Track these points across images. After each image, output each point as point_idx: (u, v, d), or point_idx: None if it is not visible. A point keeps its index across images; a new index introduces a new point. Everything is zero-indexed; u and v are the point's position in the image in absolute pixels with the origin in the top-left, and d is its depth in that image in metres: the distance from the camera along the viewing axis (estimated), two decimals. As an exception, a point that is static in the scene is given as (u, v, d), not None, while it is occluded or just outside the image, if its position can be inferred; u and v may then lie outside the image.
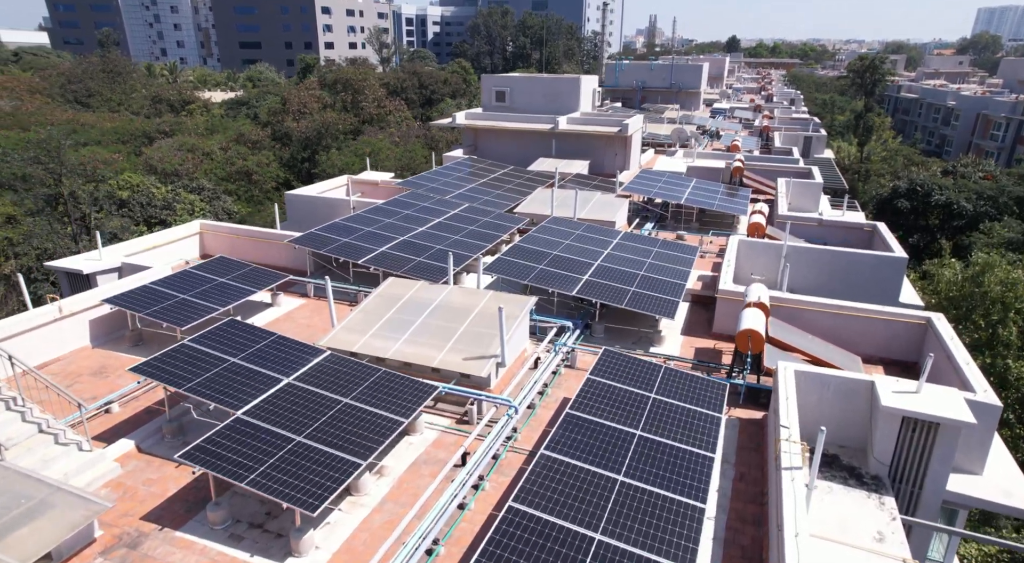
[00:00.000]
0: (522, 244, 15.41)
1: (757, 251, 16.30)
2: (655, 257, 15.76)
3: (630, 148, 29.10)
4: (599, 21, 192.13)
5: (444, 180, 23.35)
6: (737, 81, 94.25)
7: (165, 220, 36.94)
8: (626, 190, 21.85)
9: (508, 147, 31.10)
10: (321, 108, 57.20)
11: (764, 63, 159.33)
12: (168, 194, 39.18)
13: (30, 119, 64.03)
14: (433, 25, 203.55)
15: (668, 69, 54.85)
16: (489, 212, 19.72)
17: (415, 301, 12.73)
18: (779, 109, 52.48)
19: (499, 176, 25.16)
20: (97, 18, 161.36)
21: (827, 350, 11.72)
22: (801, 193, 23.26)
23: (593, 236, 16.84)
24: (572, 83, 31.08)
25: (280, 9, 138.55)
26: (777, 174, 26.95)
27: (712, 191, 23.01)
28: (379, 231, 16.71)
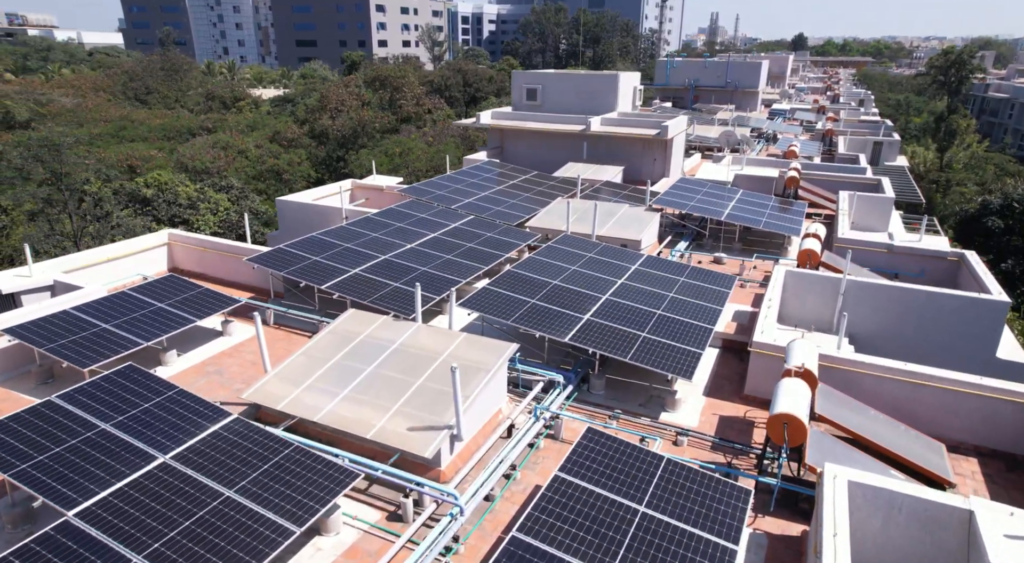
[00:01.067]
0: (517, 270, 12.90)
1: (808, 286, 13.27)
2: (680, 289, 12.96)
3: (670, 153, 26.08)
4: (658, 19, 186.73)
5: (455, 186, 21.05)
6: (801, 80, 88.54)
7: (188, 220, 36.15)
8: (658, 202, 18.99)
9: (536, 149, 28.56)
10: (360, 106, 56.04)
11: (832, 62, 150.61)
12: (194, 192, 38.38)
13: (87, 116, 65.60)
14: (489, 23, 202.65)
15: (723, 67, 50.99)
16: (496, 225, 17.29)
17: (371, 342, 10.43)
18: (846, 111, 47.90)
19: (519, 182, 22.68)
20: (166, 19, 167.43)
21: (896, 434, 8.75)
22: (867, 210, 19.84)
23: (608, 260, 14.16)
24: (608, 80, 28.27)
25: (335, 7, 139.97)
26: (839, 186, 23.44)
27: (760, 205, 19.86)
28: (359, 248, 14.52)
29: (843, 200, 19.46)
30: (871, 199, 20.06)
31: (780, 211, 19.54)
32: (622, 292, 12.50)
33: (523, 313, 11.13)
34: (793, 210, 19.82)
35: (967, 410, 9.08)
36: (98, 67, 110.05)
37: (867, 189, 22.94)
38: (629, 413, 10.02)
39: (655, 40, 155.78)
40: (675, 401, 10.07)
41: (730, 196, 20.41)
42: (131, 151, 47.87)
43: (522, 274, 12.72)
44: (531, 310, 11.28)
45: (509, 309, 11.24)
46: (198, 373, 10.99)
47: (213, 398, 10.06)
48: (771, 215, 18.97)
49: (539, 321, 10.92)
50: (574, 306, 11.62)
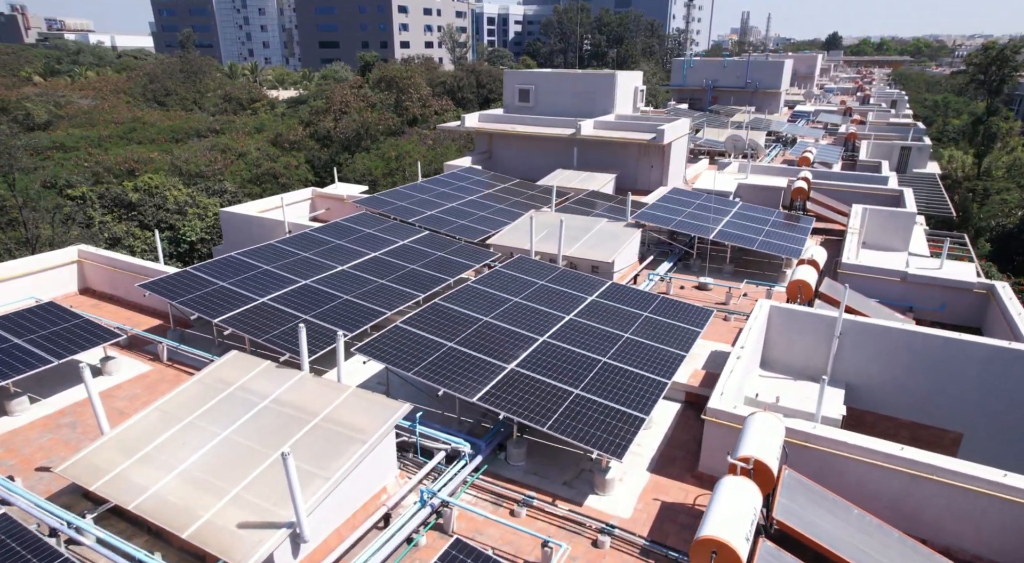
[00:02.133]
0: (444, 303, 10.92)
1: (797, 325, 11.03)
2: (641, 328, 10.85)
3: (668, 160, 23.82)
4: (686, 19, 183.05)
5: (421, 196, 19.18)
6: (831, 81, 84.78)
7: (174, 225, 35.03)
8: (640, 217, 16.83)
9: (525, 155, 26.56)
10: (365, 107, 54.70)
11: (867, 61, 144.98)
12: (184, 196, 37.25)
13: (99, 117, 65.70)
14: (515, 24, 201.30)
15: (743, 66, 48.26)
16: (453, 243, 15.35)
17: (240, 396, 8.58)
18: (874, 113, 44.78)
19: (495, 192, 20.71)
20: (194, 21, 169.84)
21: (885, 547, 6.55)
22: (884, 226, 17.41)
23: (563, 289, 12.10)
24: (605, 80, 26.11)
25: (358, 8, 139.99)
26: (856, 198, 20.94)
27: (760, 221, 17.55)
28: (279, 270, 12.73)
29: (854, 216, 17.04)
30: (889, 214, 17.61)
31: (782, 228, 17.21)
32: (566, 332, 10.44)
33: (432, 361, 9.16)
34: (798, 227, 17.45)
35: (987, 516, 6.82)
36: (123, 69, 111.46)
37: (887, 201, 20.41)
38: (548, 495, 7.98)
39: (681, 40, 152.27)
40: (606, 481, 7.98)
41: (725, 210, 18.13)
42: (130, 153, 47.18)
43: (448, 308, 10.75)
44: (444, 357, 9.30)
45: (417, 355, 9.28)
46: (46, 426, 9.28)
47: (28, 466, 8.35)
48: (770, 233, 16.65)
49: (448, 373, 8.93)
50: (500, 351, 9.60)
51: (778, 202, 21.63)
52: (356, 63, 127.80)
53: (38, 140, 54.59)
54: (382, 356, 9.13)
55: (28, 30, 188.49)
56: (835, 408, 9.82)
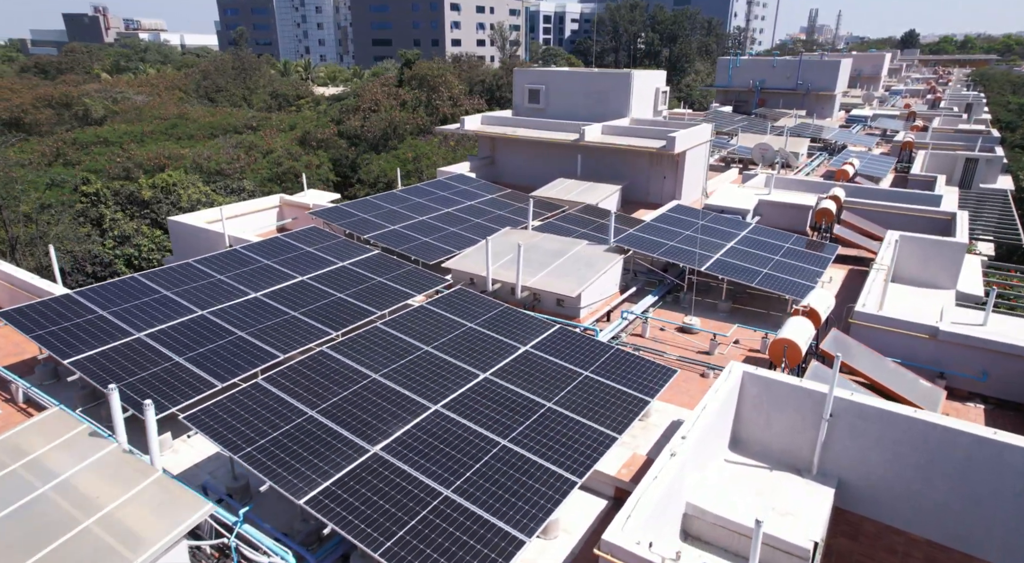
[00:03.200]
0: (331, 353, 8.97)
1: (775, 400, 8.55)
2: (571, 395, 8.63)
3: (682, 170, 21.20)
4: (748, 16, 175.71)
5: (390, 208, 17.35)
6: (901, 82, 78.60)
7: (184, 224, 34.53)
8: (624, 240, 14.44)
9: (529, 161, 24.40)
10: (396, 106, 53.62)
11: (946, 61, 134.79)
12: (199, 195, 36.81)
13: (147, 113, 67.35)
14: (571, 23, 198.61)
15: (794, 66, 44.45)
16: (400, 265, 13.43)
17: (22, 475, 6.87)
18: (943, 118, 40.26)
19: (480, 203, 18.68)
20: (256, 20, 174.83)
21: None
22: (924, 258, 14.47)
23: (494, 335, 9.98)
24: (620, 80, 23.64)
25: (411, 7, 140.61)
26: (898, 221, 17.87)
27: (770, 248, 14.87)
28: (177, 297, 11.10)
29: (885, 246, 14.14)
30: (931, 244, 14.62)
31: (796, 258, 14.48)
32: (470, 398, 8.33)
33: (274, 439, 7.21)
34: (816, 257, 14.68)
35: None
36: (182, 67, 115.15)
37: (935, 227, 17.27)
38: (380, 640, 5.92)
39: (742, 39, 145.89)
40: (458, 629, 5.86)
41: (732, 233, 15.51)
42: (161, 149, 47.51)
43: (333, 360, 8.79)
44: (294, 432, 7.34)
45: (261, 427, 7.35)
46: None
47: None
48: (780, 265, 13.98)
49: (289, 457, 6.96)
50: (371, 426, 7.58)
51: (805, 222, 18.75)
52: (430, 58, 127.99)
53: (84, 135, 55.98)
54: (213, 429, 7.27)
55: (108, 30, 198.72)
56: (813, 525, 7.35)
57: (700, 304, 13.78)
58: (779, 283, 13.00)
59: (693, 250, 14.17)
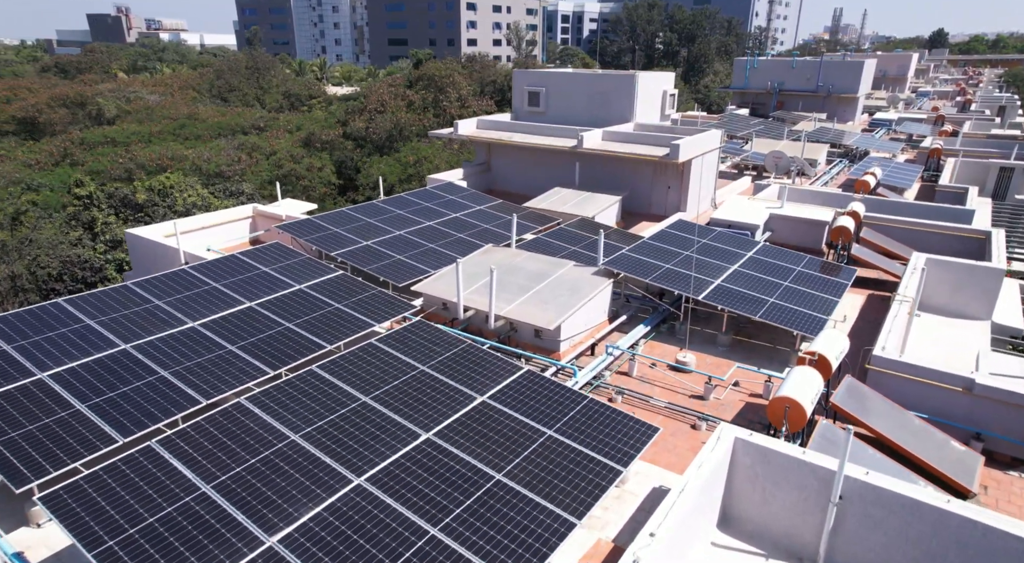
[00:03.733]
0: (249, 406, 7.68)
1: (773, 473, 7.09)
2: (527, 462, 7.25)
3: (687, 180, 19.65)
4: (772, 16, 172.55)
5: (366, 221, 16.06)
6: (928, 83, 75.78)
7: (178, 229, 33.67)
8: (614, 262, 12.99)
9: (526, 169, 23.00)
10: (404, 106, 52.52)
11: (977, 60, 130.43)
12: (196, 198, 35.93)
13: (158, 113, 67.19)
14: (590, 22, 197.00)
15: (815, 68, 42.48)
16: (364, 289, 12.14)
17: None
18: (974, 122, 38.05)
19: (466, 216, 17.33)
20: (273, 20, 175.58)
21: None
22: (954, 285, 12.84)
23: (449, 382, 8.62)
24: (623, 82, 22.13)
25: (427, 6, 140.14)
26: (924, 239, 16.19)
27: (779, 272, 13.32)
28: (99, 327, 9.89)
29: (909, 272, 12.52)
30: (962, 269, 12.99)
31: (808, 283, 12.92)
32: (403, 468, 6.97)
33: (145, 529, 5.92)
34: (831, 283, 13.11)
35: None
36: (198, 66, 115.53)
37: (966, 246, 15.58)
38: None
39: (762, 39, 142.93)
40: None
41: (737, 254, 13.98)
42: (164, 150, 46.89)
43: (248, 416, 7.48)
44: (175, 517, 6.05)
45: (135, 511, 6.08)
46: None
47: None
48: (789, 293, 12.44)
49: (161, 554, 5.68)
50: (272, 508, 6.26)
51: (820, 239, 17.13)
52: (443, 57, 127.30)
53: (91, 135, 55.70)
54: (73, 514, 5.99)
55: (130, 30, 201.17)
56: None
57: (698, 335, 12.30)
58: (787, 315, 11.47)
59: (689, 273, 12.68)
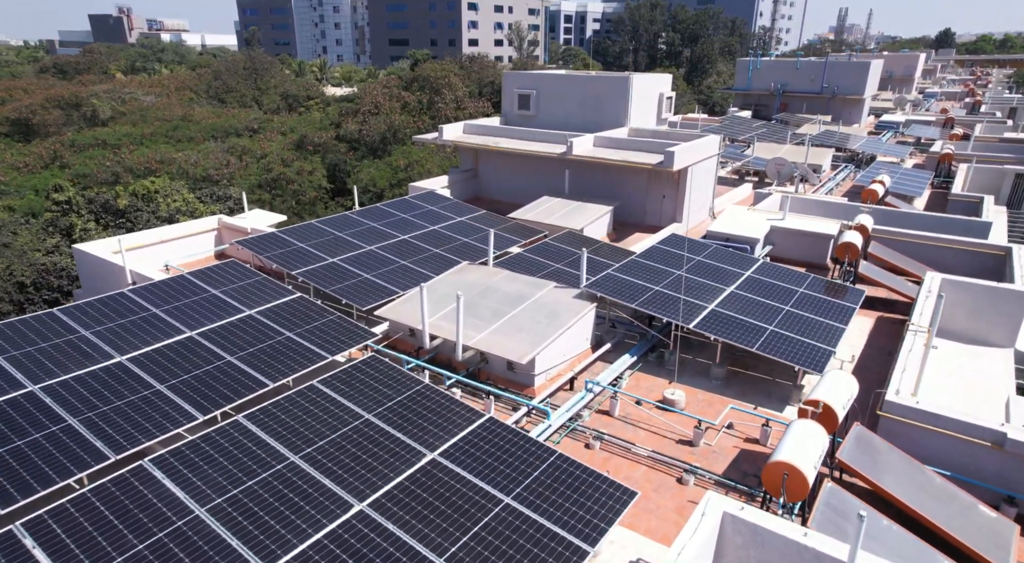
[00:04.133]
0: (151, 469, 6.54)
1: (765, 560, 5.92)
2: (474, 542, 6.10)
3: (683, 188, 18.48)
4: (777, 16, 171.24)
5: (336, 234, 14.93)
6: (935, 84, 74.40)
7: (161, 235, 32.64)
8: (597, 285, 11.83)
9: (514, 176, 21.87)
10: (399, 108, 51.45)
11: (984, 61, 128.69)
12: (181, 203, 34.90)
13: (151, 114, 66.33)
14: (593, 22, 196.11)
15: (819, 69, 41.23)
16: (322, 314, 11.02)
17: None
18: (985, 125, 36.76)
19: (445, 228, 16.19)
20: (274, 20, 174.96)
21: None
22: (972, 309, 11.66)
23: (395, 434, 7.49)
24: (616, 85, 20.97)
25: (428, 6, 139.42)
26: (937, 254, 14.99)
27: (780, 295, 12.15)
28: (6, 364, 8.80)
29: (923, 295, 11.33)
30: (982, 292, 11.79)
31: (812, 308, 11.74)
32: (321, 555, 5.83)
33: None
34: (837, 307, 11.92)
35: None
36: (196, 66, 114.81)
37: (983, 263, 14.39)
38: None
39: (767, 39, 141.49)
40: None
41: (735, 273, 12.81)
42: (152, 153, 45.92)
43: (148, 483, 6.36)
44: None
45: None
46: None
47: None
48: (790, 319, 11.26)
49: None
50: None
51: (825, 254, 15.94)
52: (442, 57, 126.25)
53: (82, 137, 54.77)
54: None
55: (131, 31, 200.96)
56: None
57: (690, 365, 11.13)
58: (788, 346, 10.29)
59: (679, 296, 11.51)
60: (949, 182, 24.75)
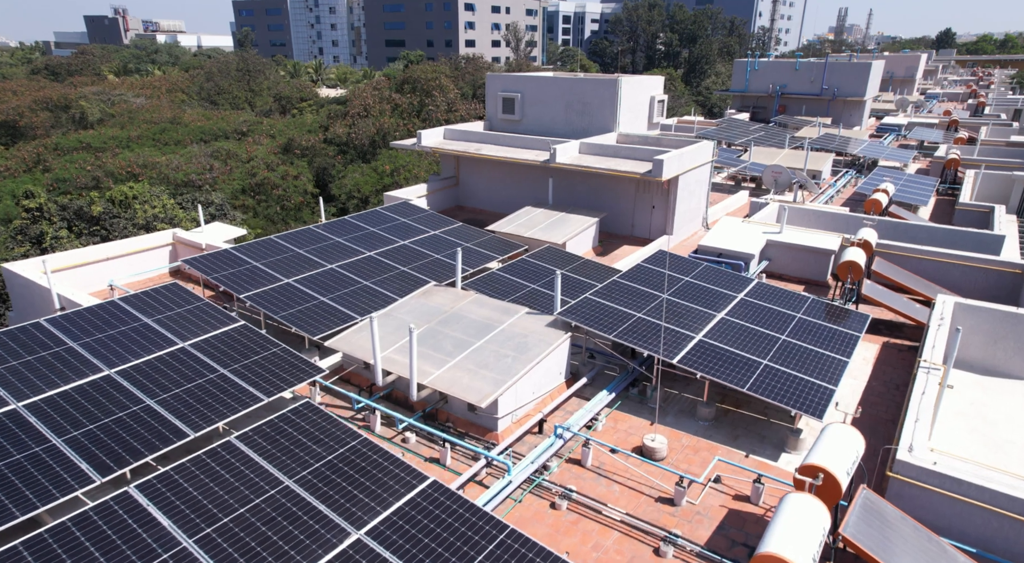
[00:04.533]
0: (8, 562, 5.42)
1: None
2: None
3: (674, 199, 17.31)
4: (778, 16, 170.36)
5: (296, 251, 13.76)
6: (936, 85, 73.29)
7: (136, 243, 31.48)
8: (571, 312, 10.66)
9: (497, 184, 20.72)
10: (390, 110, 50.33)
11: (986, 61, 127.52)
12: (159, 210, 33.74)
13: (139, 116, 65.26)
14: (592, 23, 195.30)
15: (819, 70, 40.07)
16: (266, 346, 9.85)
17: None
18: (990, 128, 35.60)
19: (417, 243, 15.03)
20: (270, 21, 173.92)
21: None
22: (989, 337, 10.53)
23: (314, 506, 6.31)
24: (605, 88, 19.81)
25: (425, 7, 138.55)
26: (947, 271, 13.83)
27: (775, 322, 10.98)
28: None
29: (935, 321, 10.15)
30: (999, 318, 10.65)
31: (811, 338, 10.57)
32: None
33: None
34: (839, 336, 10.75)
35: None
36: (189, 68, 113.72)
37: (997, 282, 13.23)
38: None
39: (766, 40, 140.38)
40: None
41: (724, 297, 11.64)
42: (135, 157, 44.77)
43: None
44: None
45: None
46: None
47: None
48: (785, 351, 10.09)
49: None
50: None
51: (825, 270, 14.78)
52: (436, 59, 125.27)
53: (66, 141, 53.61)
54: None
55: (127, 31, 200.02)
56: None
57: (675, 403, 9.96)
58: (783, 385, 9.12)
59: (661, 323, 10.34)
60: (955, 189, 23.60)
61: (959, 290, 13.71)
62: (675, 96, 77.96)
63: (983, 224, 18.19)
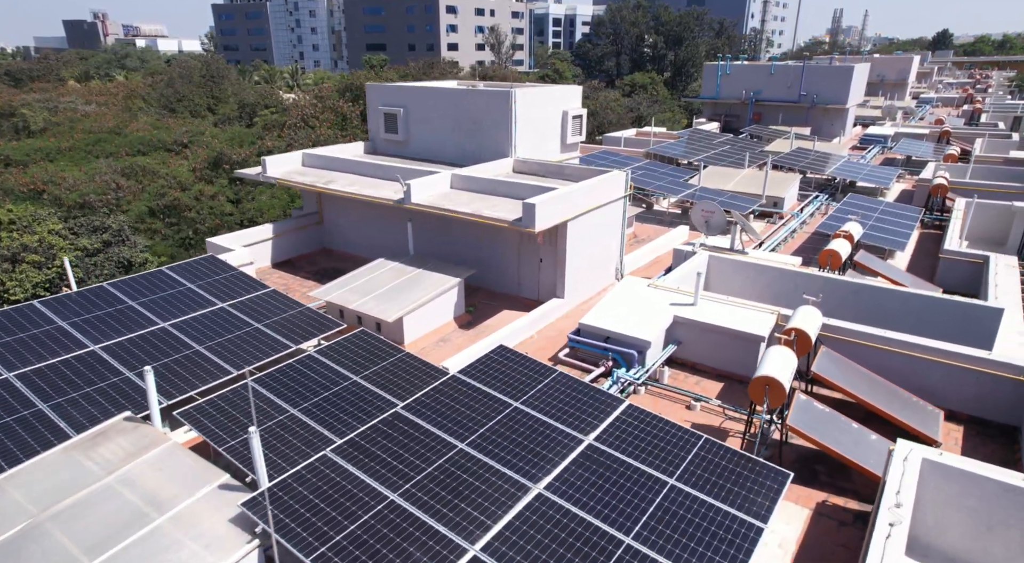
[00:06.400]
0: None
1: None
2: None
3: (562, 250, 12.99)
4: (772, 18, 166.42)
5: (46, 328, 9.50)
6: (931, 88, 69.13)
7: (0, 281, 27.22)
8: (265, 504, 6.37)
9: (365, 226, 16.42)
10: (332, 120, 46.13)
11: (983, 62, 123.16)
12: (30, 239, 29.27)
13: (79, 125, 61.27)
14: (582, 26, 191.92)
15: (796, 74, 35.82)
16: None
17: None
18: (987, 140, 31.27)
19: (177, 325, 10.74)
20: (250, 25, 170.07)
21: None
22: (983, 522, 6.09)
23: None
24: (497, 101, 15.52)
25: (406, 9, 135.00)
26: (922, 372, 9.51)
27: (629, 503, 6.63)
28: None
29: (890, 490, 5.84)
30: (986, 487, 6.29)
31: (690, 523, 6.25)
32: None
33: None
34: (747, 500, 6.43)
35: None
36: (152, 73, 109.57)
37: (992, 392, 8.93)
38: None
39: (756, 42, 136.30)
40: None
41: (565, 444, 7.32)
42: (38, 173, 40.43)
43: None
44: None
45: None
46: None
47: None
48: (661, 519, 5.76)
49: None
50: None
51: (752, 361, 10.46)
52: (405, 63, 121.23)
53: (-16, 154, 49.22)
54: None
55: (107, 36, 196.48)
56: None
57: None
58: None
59: (467, 510, 6.04)
60: (942, 220, 19.31)
61: (941, 400, 9.42)
62: (658, 102, 73.76)
63: (975, 279, 13.90)
